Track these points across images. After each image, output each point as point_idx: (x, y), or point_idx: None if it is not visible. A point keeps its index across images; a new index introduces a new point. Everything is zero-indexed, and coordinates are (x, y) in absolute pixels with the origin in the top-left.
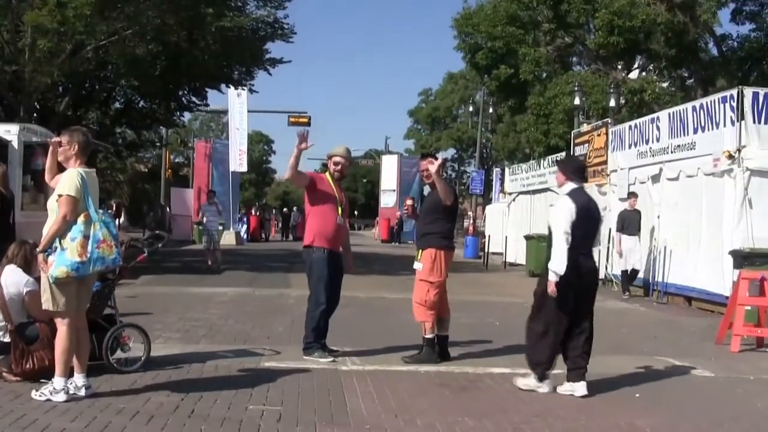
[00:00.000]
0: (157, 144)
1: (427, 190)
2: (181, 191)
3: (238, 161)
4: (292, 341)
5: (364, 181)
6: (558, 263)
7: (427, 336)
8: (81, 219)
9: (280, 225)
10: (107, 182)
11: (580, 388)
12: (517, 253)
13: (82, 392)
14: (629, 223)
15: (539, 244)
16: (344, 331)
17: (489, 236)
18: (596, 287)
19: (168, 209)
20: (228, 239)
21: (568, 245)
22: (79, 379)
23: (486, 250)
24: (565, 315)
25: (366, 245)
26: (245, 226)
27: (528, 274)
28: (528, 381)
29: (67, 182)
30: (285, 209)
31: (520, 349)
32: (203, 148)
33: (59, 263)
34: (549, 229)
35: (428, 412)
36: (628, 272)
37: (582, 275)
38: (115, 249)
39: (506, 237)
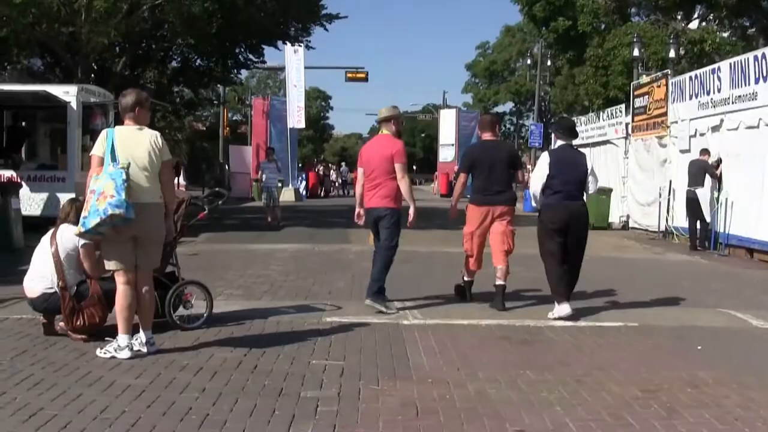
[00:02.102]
0: (215, 102)
1: None
2: (240, 149)
3: (296, 118)
4: (354, 296)
5: (423, 135)
6: (531, 199)
7: (464, 278)
8: (94, 174)
9: (340, 181)
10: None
11: (562, 310)
12: None
13: (146, 348)
14: (699, 175)
15: (599, 197)
16: (405, 285)
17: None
18: (581, 227)
19: (227, 167)
20: (287, 196)
21: (537, 190)
22: (143, 335)
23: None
24: (553, 248)
25: (425, 200)
26: (304, 183)
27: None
28: (553, 310)
29: (96, 142)
30: (343, 164)
31: (582, 301)
32: (261, 105)
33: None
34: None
35: (490, 366)
36: (699, 226)
37: (562, 214)
38: (114, 200)
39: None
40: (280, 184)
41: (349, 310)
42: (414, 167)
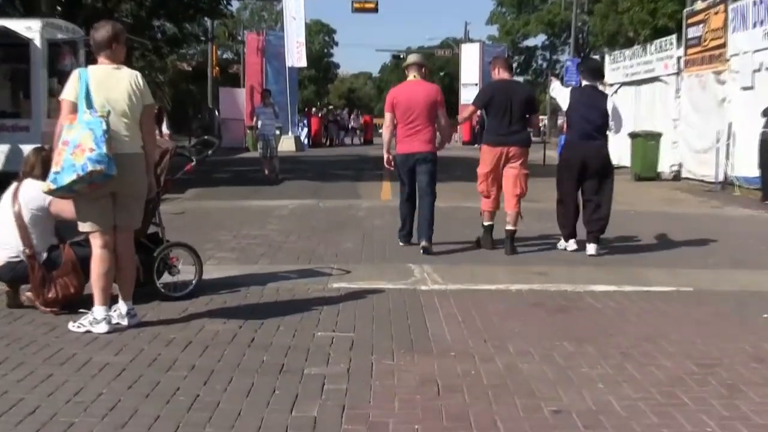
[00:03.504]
0: (202, 38)
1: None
2: (231, 92)
3: (296, 55)
4: (364, 258)
5: (441, 74)
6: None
7: (483, 223)
8: (66, 123)
9: (350, 126)
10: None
11: (589, 249)
12: (621, 154)
13: (126, 321)
14: None
15: (647, 143)
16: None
17: None
18: (602, 166)
19: (216, 113)
20: (286, 145)
21: (558, 90)
22: (123, 306)
23: None
24: (568, 187)
25: (444, 149)
26: (306, 130)
27: (633, 177)
28: (561, 242)
29: (66, 84)
30: (351, 110)
31: (627, 263)
32: (255, 41)
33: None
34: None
35: (521, 336)
36: None
37: (580, 153)
38: (94, 154)
39: (607, 135)
40: (278, 132)
41: (359, 274)
42: None
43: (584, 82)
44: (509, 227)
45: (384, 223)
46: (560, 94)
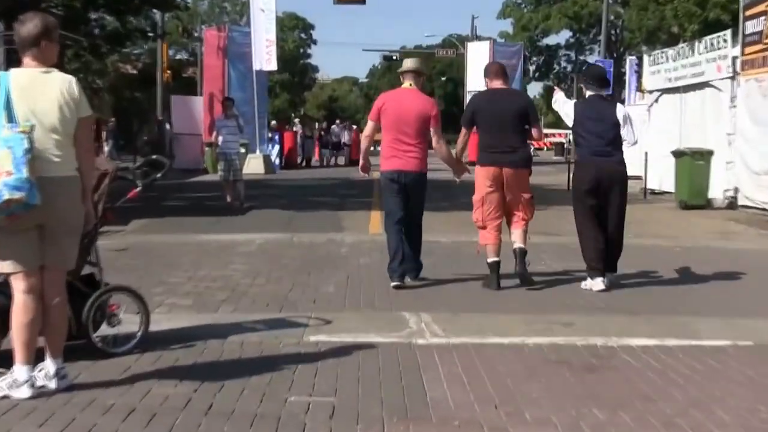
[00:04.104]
0: (150, 34)
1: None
2: (186, 101)
3: (265, 56)
4: (348, 305)
5: (443, 79)
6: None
7: (487, 260)
8: None
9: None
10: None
11: (595, 284)
12: (663, 177)
13: (54, 384)
14: None
15: (694, 163)
16: (421, 289)
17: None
18: (616, 187)
19: (168, 126)
20: (253, 166)
21: (561, 103)
22: (50, 365)
23: None
24: (585, 211)
25: (446, 169)
26: (277, 148)
27: (679, 205)
28: (586, 281)
29: None
30: (326, 123)
31: (671, 310)
32: (215, 38)
33: None
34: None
35: (541, 402)
36: None
37: (593, 172)
38: (12, 178)
39: (646, 154)
40: (243, 150)
41: (341, 324)
42: None
43: (588, 93)
44: (518, 245)
45: (372, 261)
46: (563, 107)
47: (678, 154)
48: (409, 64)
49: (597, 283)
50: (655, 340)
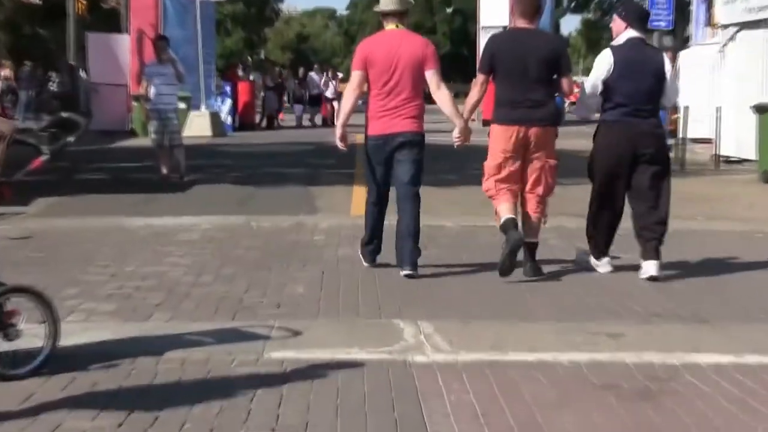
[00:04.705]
0: None
1: (571, 23)
2: (107, 40)
3: None
4: (323, 310)
5: (448, 11)
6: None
7: (501, 218)
8: None
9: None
10: None
11: (649, 268)
12: (741, 140)
13: None
14: None
15: None
16: (420, 288)
17: (685, 109)
18: (656, 154)
19: (82, 73)
20: (197, 127)
21: (592, 100)
22: None
23: (681, 135)
24: (608, 184)
25: (451, 129)
26: (229, 102)
27: (762, 177)
28: (590, 258)
29: None
30: (303, 69)
31: (750, 317)
32: None
33: None
34: None
35: None
36: None
37: (630, 138)
38: None
39: (719, 109)
40: (182, 106)
41: (314, 336)
42: None
43: (628, 34)
44: (530, 238)
45: (355, 252)
46: (602, 59)
47: (762, 110)
48: (387, 4)
49: (603, 264)
50: (730, 356)
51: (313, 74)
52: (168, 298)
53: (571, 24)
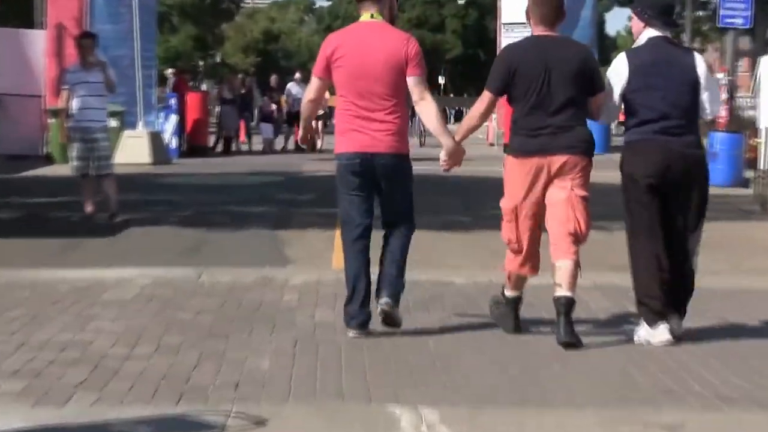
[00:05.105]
0: None
1: (619, 19)
2: (15, 37)
3: None
4: (296, 393)
5: (460, 2)
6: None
7: (504, 292)
8: None
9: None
10: None
11: (656, 335)
12: None
13: None
14: None
15: None
16: (423, 366)
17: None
18: (693, 181)
19: None
20: (133, 151)
21: (611, 113)
22: None
23: (761, 166)
24: (644, 219)
25: (467, 159)
26: (175, 119)
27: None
28: (639, 332)
29: None
30: (275, 77)
31: None
32: None
33: None
34: None
35: None
36: None
37: (658, 159)
38: None
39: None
40: (114, 123)
41: (284, 426)
42: (441, 80)
43: (649, 33)
44: (562, 293)
45: (337, 316)
46: (617, 65)
47: None
48: None
49: (659, 333)
50: None
51: (293, 86)
52: (93, 375)
53: (618, 20)
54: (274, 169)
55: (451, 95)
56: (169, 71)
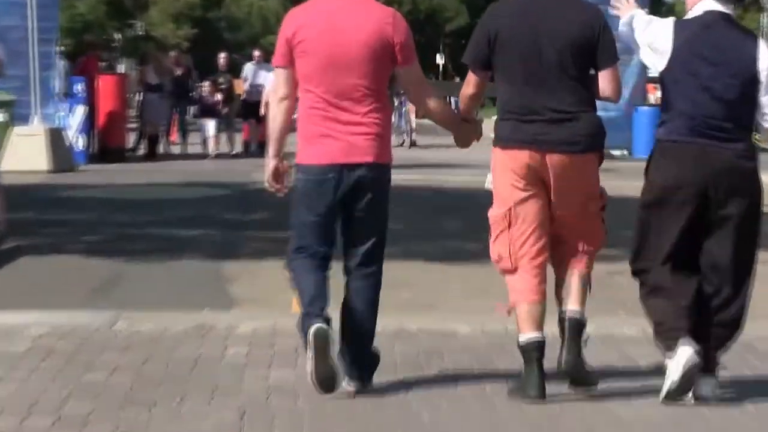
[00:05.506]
0: None
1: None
2: None
3: None
4: None
5: None
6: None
7: (518, 339)
8: None
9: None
10: None
11: (679, 358)
12: None
13: None
14: None
15: None
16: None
17: None
18: (746, 202)
19: None
20: (26, 154)
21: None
22: None
23: None
24: (670, 235)
25: (469, 163)
26: (82, 111)
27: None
28: (668, 366)
29: None
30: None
31: None
32: None
33: None
34: None
35: None
36: None
37: (698, 169)
38: None
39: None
40: (1, 118)
41: None
42: (439, 59)
43: (705, 4)
44: (571, 306)
45: (297, 376)
46: (645, 34)
47: None
48: None
49: (685, 353)
50: None
51: (252, 69)
52: None
53: None
54: (217, 178)
55: (456, 79)
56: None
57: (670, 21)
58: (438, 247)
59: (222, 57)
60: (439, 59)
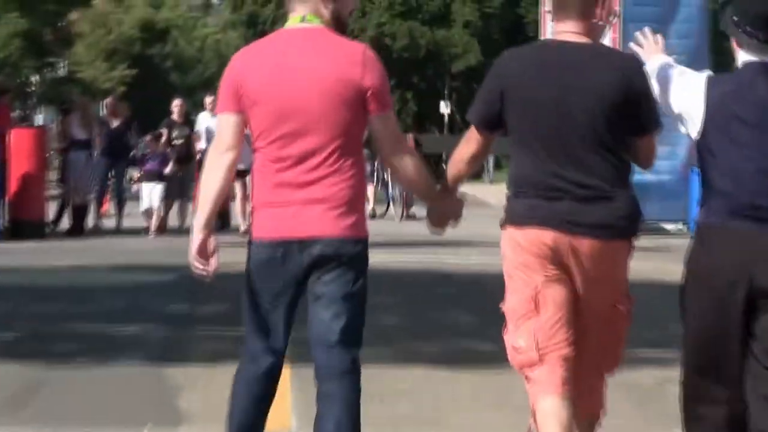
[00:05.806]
0: None
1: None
2: None
3: None
4: None
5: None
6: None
7: None
8: None
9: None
10: None
11: None
12: None
13: None
14: None
15: None
16: None
17: None
18: None
19: None
20: None
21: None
22: None
23: None
24: (709, 348)
25: (479, 243)
26: None
27: None
28: None
29: None
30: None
31: None
32: None
33: None
34: None
35: None
36: None
37: (742, 260)
38: None
39: None
40: None
41: None
42: (444, 107)
43: (743, 56)
44: None
45: None
46: (675, 87)
47: None
48: None
49: None
50: None
51: (206, 116)
52: None
53: None
54: (160, 260)
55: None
56: None
57: (703, 77)
58: (443, 348)
59: (176, 105)
60: (444, 107)
